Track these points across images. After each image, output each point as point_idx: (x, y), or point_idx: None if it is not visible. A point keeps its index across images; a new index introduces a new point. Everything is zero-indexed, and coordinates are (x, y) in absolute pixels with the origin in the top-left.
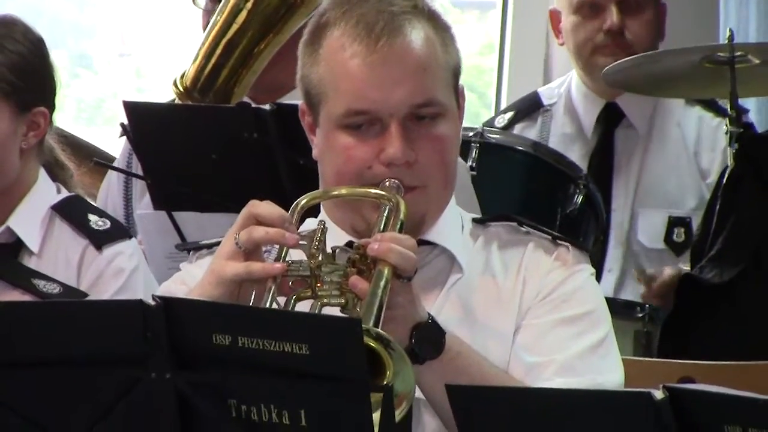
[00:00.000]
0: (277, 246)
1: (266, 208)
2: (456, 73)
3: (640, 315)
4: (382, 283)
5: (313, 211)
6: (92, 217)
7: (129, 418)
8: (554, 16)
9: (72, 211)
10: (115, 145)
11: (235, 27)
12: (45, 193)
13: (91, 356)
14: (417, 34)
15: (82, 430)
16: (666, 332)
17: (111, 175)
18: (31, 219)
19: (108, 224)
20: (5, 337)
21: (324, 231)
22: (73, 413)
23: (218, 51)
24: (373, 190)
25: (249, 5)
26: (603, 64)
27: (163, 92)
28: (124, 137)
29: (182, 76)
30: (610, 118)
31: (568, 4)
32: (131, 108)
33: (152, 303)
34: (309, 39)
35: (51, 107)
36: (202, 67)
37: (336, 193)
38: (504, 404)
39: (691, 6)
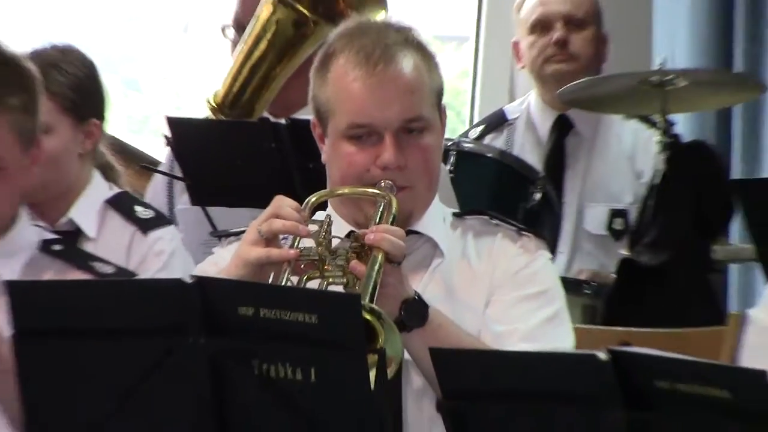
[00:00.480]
0: (292, 235)
1: (284, 203)
2: (439, 94)
3: (587, 291)
4: (377, 266)
5: (321, 206)
6: (138, 208)
7: (170, 376)
8: (516, 46)
9: (122, 204)
10: (159, 152)
11: (257, 54)
12: (99, 189)
13: (139, 325)
14: (407, 62)
15: (132, 388)
16: (608, 305)
17: (156, 176)
18: (88, 211)
19: (151, 213)
20: (69, 310)
21: (330, 223)
22: (124, 373)
23: (243, 74)
24: (370, 190)
25: (269, 36)
26: (552, 71)
27: (198, 110)
28: (168, 147)
29: (214, 95)
30: (562, 128)
31: (524, 27)
32: (172, 122)
33: (189, 281)
34: (318, 65)
35: (102, 119)
36: (230, 88)
37: (340, 192)
38: (476, 364)
39: (629, 36)
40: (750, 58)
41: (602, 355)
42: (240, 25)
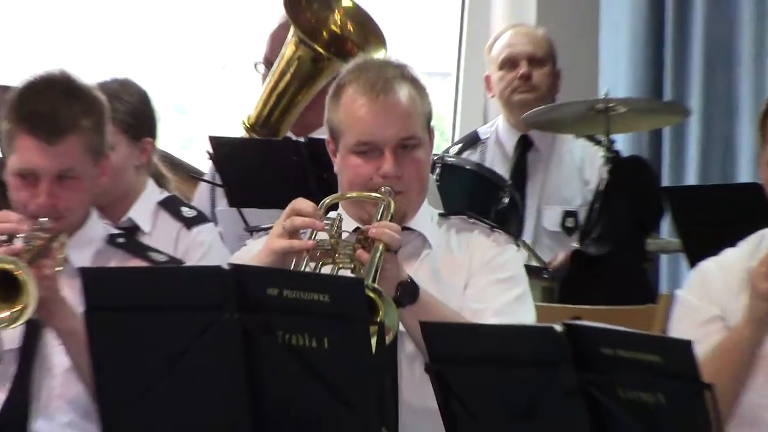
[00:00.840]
0: (310, 230)
1: (303, 204)
2: (429, 118)
3: (546, 276)
4: (378, 255)
5: (333, 207)
6: (184, 209)
7: (210, 345)
8: (487, 79)
9: (171, 205)
10: (203, 164)
11: (282, 85)
12: (153, 194)
13: (185, 304)
14: (403, 92)
15: (179, 355)
16: (563, 287)
17: (201, 183)
18: (144, 211)
19: (194, 213)
20: (130, 291)
21: (340, 220)
22: (172, 343)
23: (271, 101)
24: (373, 194)
25: (291, 70)
26: (518, 99)
27: (234, 130)
28: (210, 160)
29: (247, 118)
30: (524, 146)
31: (494, 64)
32: (214, 141)
33: (226, 268)
34: (332, 94)
35: (155, 137)
36: (260, 112)
37: (349, 195)
38: (457, 334)
39: (580, 70)
40: (676, 89)
41: (558, 328)
42: (268, 62)
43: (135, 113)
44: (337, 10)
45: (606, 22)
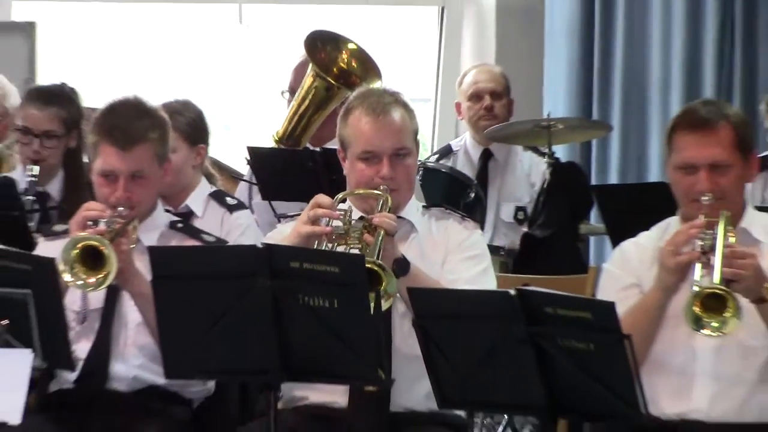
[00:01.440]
0: (327, 218)
1: (323, 198)
2: (416, 133)
3: (503, 254)
4: (380, 238)
5: (343, 201)
6: (227, 199)
7: (248, 304)
8: (458, 106)
9: (217, 196)
10: (242, 167)
11: (302, 108)
12: (204, 188)
13: (228, 273)
14: (397, 114)
15: (224, 312)
16: (516, 262)
17: (241, 183)
18: (198, 200)
19: (235, 202)
20: (186, 264)
21: (351, 211)
22: (218, 303)
23: (294, 120)
24: (374, 191)
25: (310, 97)
26: (482, 125)
27: (266, 142)
28: (248, 164)
29: (276, 133)
30: (486, 156)
31: (464, 96)
32: (251, 150)
33: (260, 246)
34: (342, 115)
35: (207, 145)
36: (286, 128)
37: (356, 192)
38: (436, 297)
39: (528, 95)
40: (602, 110)
41: (512, 292)
42: (292, 90)
43: (192, 125)
44: (344, 51)
45: (548, 58)
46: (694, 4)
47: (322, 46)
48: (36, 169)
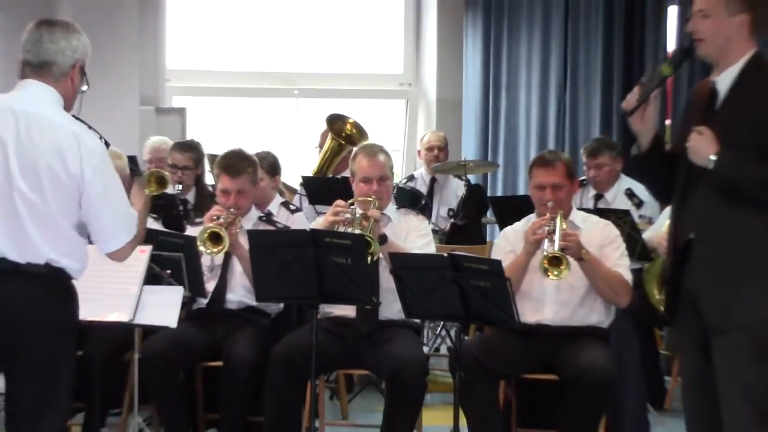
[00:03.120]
0: (343, 213)
1: (341, 202)
2: (392, 167)
3: (439, 234)
4: (371, 224)
5: (353, 203)
6: (291, 205)
7: (302, 262)
8: (419, 153)
9: (286, 204)
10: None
11: (328, 154)
12: (278, 199)
13: (289, 243)
14: (381, 156)
15: (288, 264)
16: (447, 238)
17: (297, 195)
18: (274, 206)
19: (295, 207)
20: (268, 239)
21: (356, 208)
22: (285, 260)
23: (322, 161)
24: (369, 199)
25: (329, 149)
26: (431, 163)
27: (308, 172)
28: (300, 185)
29: (313, 170)
30: (432, 181)
31: (423, 148)
32: (304, 179)
33: (307, 230)
34: (352, 157)
35: (279, 175)
36: (319, 167)
37: (359, 199)
38: (404, 258)
39: (453, 145)
40: (493, 154)
41: (445, 255)
42: (320, 145)
43: (271, 165)
44: (348, 124)
45: (465, 126)
46: (544, 87)
47: (337, 123)
48: (180, 187)
